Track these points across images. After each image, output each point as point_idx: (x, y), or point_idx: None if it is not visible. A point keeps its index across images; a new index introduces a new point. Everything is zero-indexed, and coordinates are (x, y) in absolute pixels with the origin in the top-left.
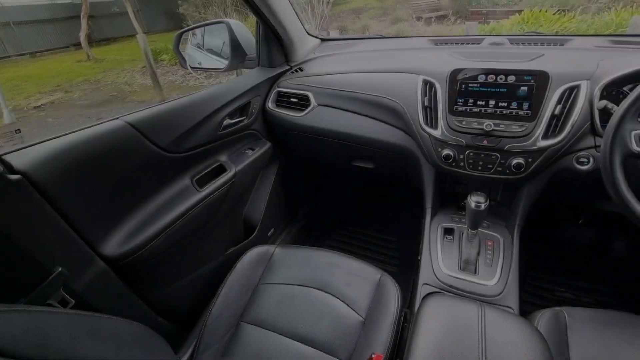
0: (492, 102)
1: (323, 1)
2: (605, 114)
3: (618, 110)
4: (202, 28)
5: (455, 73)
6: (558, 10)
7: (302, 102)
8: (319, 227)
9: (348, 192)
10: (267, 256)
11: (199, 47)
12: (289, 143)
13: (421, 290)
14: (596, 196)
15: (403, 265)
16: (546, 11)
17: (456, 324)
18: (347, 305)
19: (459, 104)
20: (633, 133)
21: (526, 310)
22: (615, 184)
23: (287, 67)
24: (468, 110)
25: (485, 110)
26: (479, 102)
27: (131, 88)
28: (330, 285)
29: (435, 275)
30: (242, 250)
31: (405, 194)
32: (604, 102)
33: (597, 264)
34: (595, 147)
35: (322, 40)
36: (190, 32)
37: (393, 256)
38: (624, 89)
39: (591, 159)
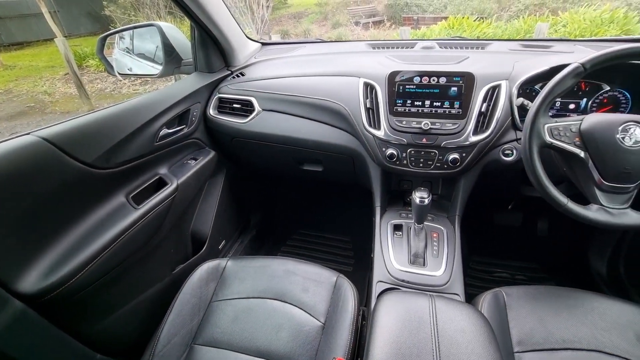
0: (427, 102)
1: (263, 5)
2: (523, 110)
3: (532, 107)
4: (131, 31)
5: (393, 75)
6: (478, 18)
7: (246, 108)
8: (272, 235)
9: (299, 197)
10: (219, 271)
11: (128, 52)
12: (234, 150)
13: (376, 288)
14: (520, 184)
15: (358, 263)
16: (468, 18)
17: (410, 319)
18: (306, 312)
19: (398, 104)
20: (546, 126)
21: (471, 293)
22: (535, 172)
23: (228, 72)
24: (407, 110)
25: (422, 110)
26: (416, 103)
27: (52, 98)
28: (287, 293)
29: (388, 271)
30: (191, 267)
31: (355, 194)
32: (521, 100)
33: (526, 243)
34: (517, 140)
35: (263, 44)
36: (116, 35)
37: (348, 256)
38: (536, 87)
39: (514, 151)
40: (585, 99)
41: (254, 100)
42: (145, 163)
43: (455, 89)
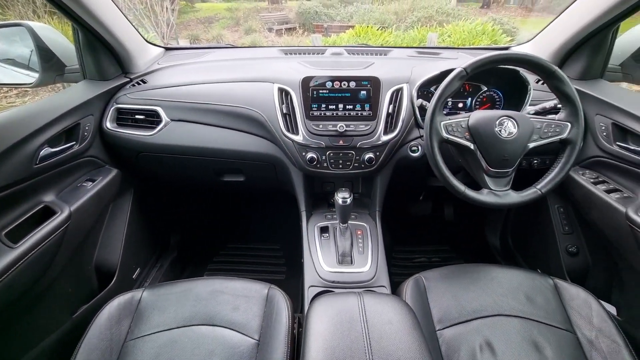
0: (341, 106)
1: (167, 8)
2: (422, 110)
3: (429, 107)
4: None
5: (306, 80)
6: (380, 27)
7: (151, 119)
8: (196, 254)
9: (223, 210)
10: (133, 304)
11: None
12: (142, 167)
13: (308, 293)
14: (426, 176)
15: (290, 270)
16: (372, 27)
17: (341, 321)
18: (238, 332)
19: (313, 109)
20: (442, 123)
21: (397, 281)
22: (437, 165)
23: (126, 80)
24: (322, 114)
25: (337, 114)
26: (330, 107)
27: None
28: (216, 316)
29: (318, 274)
30: (97, 305)
31: (281, 200)
32: (420, 101)
33: (437, 229)
34: (420, 137)
35: (167, 49)
36: None
37: (280, 264)
38: (431, 89)
39: (419, 147)
40: (470, 98)
41: (160, 110)
42: (23, 190)
43: (364, 92)
